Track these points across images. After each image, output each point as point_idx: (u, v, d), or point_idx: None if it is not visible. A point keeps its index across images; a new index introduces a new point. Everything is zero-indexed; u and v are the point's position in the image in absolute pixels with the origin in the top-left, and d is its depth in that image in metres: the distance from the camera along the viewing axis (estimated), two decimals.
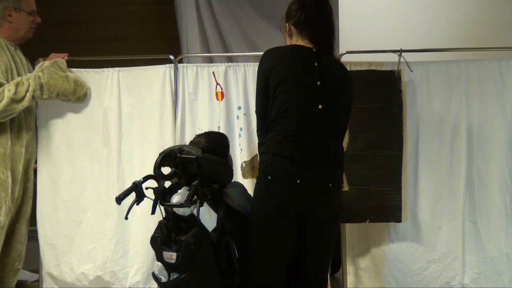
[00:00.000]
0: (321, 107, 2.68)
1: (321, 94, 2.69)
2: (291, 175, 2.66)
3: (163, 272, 2.81)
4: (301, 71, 2.71)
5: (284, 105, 2.66)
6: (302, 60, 2.73)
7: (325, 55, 2.78)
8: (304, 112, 2.67)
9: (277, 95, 2.67)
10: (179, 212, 2.77)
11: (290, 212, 2.70)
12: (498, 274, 3.74)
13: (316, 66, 2.71)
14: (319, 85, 2.69)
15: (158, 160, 2.83)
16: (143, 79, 3.93)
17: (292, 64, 2.72)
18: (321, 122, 2.69)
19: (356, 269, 3.92)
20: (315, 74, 2.70)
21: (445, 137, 3.78)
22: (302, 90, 2.68)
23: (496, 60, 3.77)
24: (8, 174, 3.62)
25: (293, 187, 2.66)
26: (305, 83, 2.70)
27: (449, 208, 3.79)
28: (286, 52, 2.78)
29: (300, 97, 2.67)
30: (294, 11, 2.80)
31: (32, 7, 3.76)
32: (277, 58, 2.73)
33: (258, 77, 2.78)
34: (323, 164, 2.70)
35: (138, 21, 5.76)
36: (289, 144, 2.65)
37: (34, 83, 3.62)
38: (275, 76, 2.68)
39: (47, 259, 3.97)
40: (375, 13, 4.19)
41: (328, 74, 2.73)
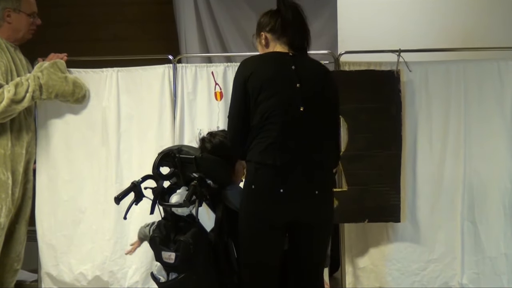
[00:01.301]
0: (302, 109, 2.64)
1: (301, 96, 2.66)
2: (274, 184, 2.61)
3: (162, 272, 2.81)
4: (279, 75, 2.69)
5: (266, 112, 2.62)
6: (279, 65, 2.72)
7: (302, 57, 2.79)
8: (286, 117, 2.63)
9: (259, 103, 2.64)
10: (178, 212, 2.77)
11: (276, 223, 2.65)
12: (497, 274, 3.74)
13: (294, 69, 2.70)
14: (299, 87, 2.67)
15: (157, 160, 2.83)
16: (142, 79, 3.93)
17: (270, 70, 2.70)
18: (305, 125, 2.66)
19: (355, 269, 3.92)
20: (293, 77, 2.69)
21: (444, 137, 3.78)
22: (282, 94, 2.65)
23: (495, 60, 3.77)
24: (9, 175, 3.61)
25: (277, 196, 2.61)
26: (285, 87, 2.67)
27: (448, 208, 3.79)
28: (262, 59, 2.78)
29: (281, 102, 2.64)
30: (268, 19, 2.83)
31: (32, 9, 3.76)
32: (254, 66, 2.71)
33: (235, 84, 2.74)
34: (308, 171, 2.65)
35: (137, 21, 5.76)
36: (273, 151, 2.61)
37: (33, 84, 3.62)
38: (254, 83, 2.65)
39: (45, 259, 3.97)
40: (374, 13, 4.18)
41: (306, 76, 2.72)
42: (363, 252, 3.91)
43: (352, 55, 3.83)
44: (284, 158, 2.61)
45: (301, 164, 2.63)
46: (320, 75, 2.78)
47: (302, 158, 2.63)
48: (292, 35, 2.77)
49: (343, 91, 3.66)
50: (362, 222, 3.77)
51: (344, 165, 3.71)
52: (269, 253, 2.69)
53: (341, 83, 3.69)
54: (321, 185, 2.68)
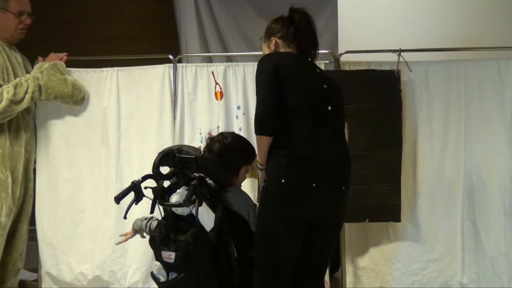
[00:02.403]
0: (330, 108, 2.73)
1: (329, 96, 2.77)
2: (308, 177, 2.63)
3: (162, 271, 2.81)
4: (308, 74, 2.79)
5: (298, 106, 2.66)
6: (306, 65, 2.82)
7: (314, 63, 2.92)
8: (317, 113, 2.70)
9: (291, 94, 2.66)
10: (178, 211, 2.77)
11: (302, 220, 2.66)
12: (497, 274, 3.74)
13: (319, 72, 2.85)
14: (326, 88, 2.77)
15: (157, 160, 2.83)
16: (142, 78, 3.93)
17: (299, 66, 2.77)
18: (332, 123, 2.75)
19: (355, 268, 3.92)
20: (321, 78, 2.81)
21: (444, 137, 3.79)
22: (313, 92, 2.73)
23: (495, 60, 3.77)
24: (8, 174, 3.62)
25: (309, 191, 2.62)
26: (314, 85, 2.76)
27: (448, 208, 3.79)
28: (288, 56, 2.81)
29: (312, 99, 2.71)
30: (280, 26, 2.87)
31: (20, 8, 3.72)
32: (281, 59, 2.75)
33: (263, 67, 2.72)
34: (336, 166, 2.73)
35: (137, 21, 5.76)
36: (306, 146, 2.66)
37: (33, 85, 3.62)
38: (284, 74, 2.67)
39: (46, 259, 3.97)
40: (374, 13, 4.18)
41: (328, 79, 2.84)
42: (364, 252, 3.91)
43: (352, 55, 3.83)
44: (316, 152, 2.66)
45: (331, 159, 2.70)
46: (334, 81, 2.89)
47: (331, 154, 2.70)
48: (304, 44, 2.84)
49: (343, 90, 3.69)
50: (363, 222, 3.77)
51: None
52: (293, 251, 2.69)
53: (342, 82, 3.68)
54: (346, 181, 2.77)
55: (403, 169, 3.72)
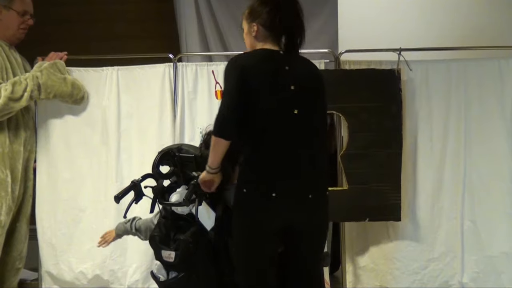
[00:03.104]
0: (296, 112, 2.57)
1: (296, 98, 2.59)
2: (266, 187, 2.54)
3: (162, 271, 2.81)
4: (273, 77, 2.58)
5: (260, 115, 2.55)
6: (273, 65, 2.61)
7: (295, 56, 2.69)
8: (280, 120, 2.56)
9: (253, 104, 2.55)
10: (177, 211, 2.77)
11: (269, 229, 2.58)
12: (497, 273, 3.74)
13: (287, 70, 2.61)
14: (293, 89, 2.59)
15: (157, 159, 2.83)
16: (142, 78, 3.93)
17: (264, 70, 2.58)
18: (298, 128, 2.59)
19: (355, 268, 3.92)
20: (288, 78, 2.60)
21: (444, 136, 3.78)
22: (276, 96, 2.56)
23: (495, 59, 3.77)
24: (8, 173, 3.61)
25: (269, 200, 2.53)
26: (279, 89, 2.57)
27: (448, 207, 3.79)
28: (256, 58, 2.63)
29: (275, 105, 2.56)
30: (265, 13, 2.67)
31: (24, 8, 3.74)
32: (248, 64, 2.58)
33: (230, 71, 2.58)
34: (301, 174, 2.58)
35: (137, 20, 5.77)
36: (265, 155, 2.56)
37: (32, 83, 3.62)
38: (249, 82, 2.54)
39: (46, 258, 3.98)
40: (374, 12, 4.18)
41: (300, 76, 2.64)
42: (364, 251, 3.91)
43: (352, 54, 3.82)
44: (277, 161, 2.55)
45: (294, 167, 2.57)
46: (314, 75, 2.71)
47: (295, 161, 2.57)
48: (288, 35, 2.66)
49: (343, 90, 3.70)
50: (363, 221, 3.77)
51: (344, 164, 3.71)
52: (263, 259, 2.62)
53: (342, 82, 3.71)
54: (315, 189, 2.62)
55: (403, 168, 3.71)
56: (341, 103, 3.70)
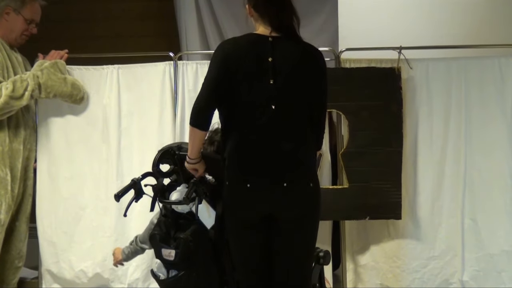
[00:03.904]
0: (274, 107, 2.54)
1: (274, 93, 2.55)
2: (242, 179, 2.56)
3: (162, 269, 2.81)
4: (254, 69, 2.55)
5: (238, 109, 2.56)
6: (257, 56, 2.56)
7: (286, 42, 2.61)
8: (257, 115, 2.55)
9: (234, 97, 2.55)
10: (178, 209, 2.77)
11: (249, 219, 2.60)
12: (497, 271, 3.74)
13: (270, 62, 2.55)
14: (272, 84, 2.54)
15: (157, 157, 2.83)
16: (142, 76, 3.92)
17: (247, 61, 2.55)
18: (275, 123, 2.55)
19: (356, 266, 3.92)
20: (269, 71, 2.55)
21: (445, 134, 3.78)
22: (255, 90, 2.55)
23: (496, 57, 3.76)
24: (7, 172, 3.62)
25: (245, 191, 2.55)
26: (258, 83, 2.55)
27: (448, 205, 3.79)
28: (242, 45, 2.60)
29: (253, 99, 2.55)
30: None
31: (32, 16, 3.76)
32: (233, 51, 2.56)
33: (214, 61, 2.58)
34: (275, 165, 2.56)
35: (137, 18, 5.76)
36: (242, 149, 2.56)
37: (32, 83, 3.62)
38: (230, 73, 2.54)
39: (46, 256, 3.98)
40: (375, 10, 4.18)
41: (284, 69, 2.57)
42: (364, 249, 3.91)
43: (353, 52, 3.82)
44: (252, 155, 2.56)
45: (269, 160, 2.56)
46: (302, 66, 2.62)
47: (270, 154, 2.56)
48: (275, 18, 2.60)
49: (343, 88, 3.70)
50: (363, 219, 3.77)
51: (345, 162, 3.71)
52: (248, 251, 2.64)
53: (342, 80, 3.71)
54: (290, 178, 2.58)
55: (403, 166, 3.71)
56: (342, 101, 3.70)
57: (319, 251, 2.97)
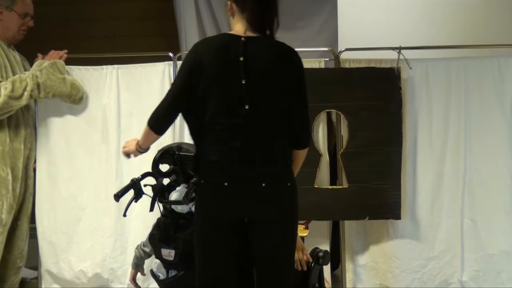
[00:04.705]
0: (247, 107, 2.49)
1: (247, 94, 2.49)
2: (219, 178, 2.50)
3: (162, 269, 2.81)
4: (225, 70, 2.51)
5: (212, 111, 2.51)
6: (228, 57, 2.51)
7: (259, 42, 2.54)
8: (231, 117, 2.50)
9: (206, 99, 2.51)
10: (177, 209, 2.77)
11: (222, 219, 2.54)
12: (497, 271, 3.74)
13: (242, 61, 2.49)
14: (244, 84, 2.48)
15: (156, 158, 2.83)
16: (142, 76, 3.93)
17: (218, 63, 2.51)
18: (250, 124, 2.50)
19: (355, 266, 3.92)
20: (240, 71, 2.49)
21: (444, 134, 3.78)
22: (227, 92, 2.50)
23: (495, 57, 3.76)
24: (8, 172, 3.62)
25: (221, 190, 2.50)
26: (230, 84, 2.50)
27: (448, 205, 3.79)
28: (213, 47, 2.55)
29: (226, 101, 2.50)
30: None
31: (25, 9, 3.75)
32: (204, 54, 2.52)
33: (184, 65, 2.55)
34: (252, 165, 2.51)
35: (137, 19, 5.77)
36: (218, 150, 2.51)
37: (32, 83, 3.62)
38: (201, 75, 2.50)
39: (46, 257, 3.98)
40: (374, 11, 4.18)
41: (256, 68, 2.50)
42: (364, 250, 3.91)
43: (352, 53, 3.82)
44: (228, 155, 2.50)
45: (245, 160, 2.51)
46: (276, 65, 2.54)
47: (246, 154, 2.51)
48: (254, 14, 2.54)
49: (343, 88, 3.70)
50: (363, 219, 3.77)
51: (344, 162, 3.71)
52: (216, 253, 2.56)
53: (342, 80, 3.72)
54: (269, 178, 2.52)
55: (403, 166, 3.72)
56: (341, 101, 3.71)
57: (318, 251, 2.96)
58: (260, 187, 2.51)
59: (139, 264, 3.06)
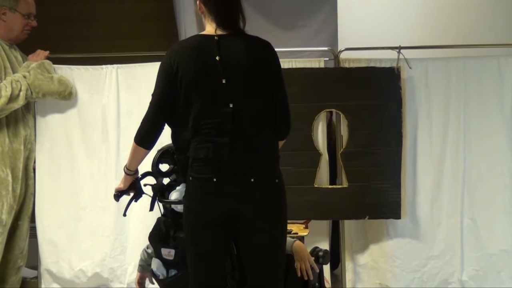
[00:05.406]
0: (232, 105, 2.49)
1: (229, 92, 2.50)
2: (207, 173, 2.49)
3: (161, 268, 2.81)
4: (204, 72, 2.51)
5: (197, 113, 2.50)
6: (204, 58, 2.52)
7: (232, 39, 2.55)
8: (215, 116, 2.49)
9: (190, 103, 2.51)
10: (177, 209, 2.77)
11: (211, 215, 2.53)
12: (496, 271, 3.75)
13: (218, 61, 2.50)
14: (225, 83, 2.49)
15: (156, 157, 2.82)
16: (141, 76, 3.93)
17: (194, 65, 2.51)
18: (235, 121, 2.50)
19: (355, 265, 3.92)
20: (218, 70, 2.49)
21: (444, 134, 3.79)
22: (209, 93, 2.50)
23: (495, 57, 3.77)
24: (8, 172, 3.62)
25: (210, 186, 2.49)
26: (210, 85, 2.50)
27: (448, 205, 3.79)
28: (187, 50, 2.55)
29: (209, 101, 2.50)
30: None
31: (28, 9, 3.76)
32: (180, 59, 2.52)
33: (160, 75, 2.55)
34: (241, 162, 2.51)
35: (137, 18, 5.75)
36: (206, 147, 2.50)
37: (25, 83, 3.63)
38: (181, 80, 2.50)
39: (45, 256, 3.98)
40: (374, 10, 4.18)
41: (233, 66, 2.52)
42: (363, 249, 3.91)
43: (352, 52, 3.83)
44: (217, 151, 2.49)
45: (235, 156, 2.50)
46: (252, 60, 2.55)
47: (236, 151, 2.50)
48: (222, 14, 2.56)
49: (343, 88, 3.70)
50: (363, 219, 3.77)
51: (344, 161, 3.72)
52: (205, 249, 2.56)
53: (341, 80, 3.72)
54: (257, 173, 2.53)
55: (403, 166, 3.72)
56: (341, 101, 3.71)
57: (318, 250, 2.96)
58: (249, 182, 2.51)
59: (144, 267, 3.05)
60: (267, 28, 4.83)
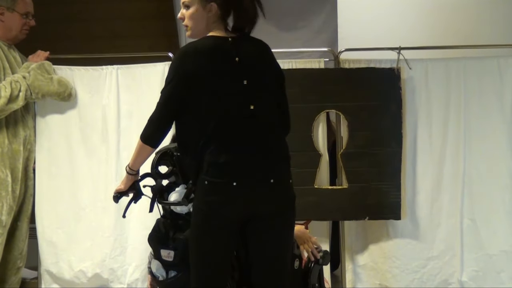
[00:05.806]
0: (253, 107, 2.49)
1: (250, 93, 2.50)
2: (226, 177, 2.47)
3: (161, 270, 2.81)
4: (224, 73, 2.49)
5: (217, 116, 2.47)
6: (223, 59, 2.50)
7: (243, 41, 2.55)
8: (236, 118, 2.48)
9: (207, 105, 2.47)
10: (176, 210, 2.77)
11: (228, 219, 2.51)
12: (496, 271, 3.75)
13: (237, 62, 2.49)
14: (246, 84, 2.49)
15: (155, 159, 2.82)
16: (141, 76, 3.93)
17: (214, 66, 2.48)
18: (256, 122, 2.50)
19: (355, 266, 3.92)
20: (239, 72, 2.49)
21: (444, 134, 3.79)
22: (229, 95, 2.48)
23: (495, 58, 3.77)
24: (8, 173, 3.62)
25: (230, 190, 2.47)
26: (231, 86, 2.49)
27: (447, 206, 3.79)
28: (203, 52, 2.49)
29: (229, 104, 2.48)
30: None
31: (26, 9, 3.75)
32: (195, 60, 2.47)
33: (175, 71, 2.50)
34: (261, 163, 2.51)
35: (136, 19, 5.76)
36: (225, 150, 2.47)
37: (24, 83, 3.63)
38: (198, 82, 2.46)
39: (45, 257, 3.98)
40: (374, 11, 4.18)
41: (252, 67, 2.53)
42: (363, 250, 3.91)
43: (352, 53, 3.83)
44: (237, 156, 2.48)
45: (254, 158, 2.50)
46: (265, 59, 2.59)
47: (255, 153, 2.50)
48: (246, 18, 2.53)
49: (343, 88, 3.70)
50: (362, 220, 3.77)
51: (344, 162, 3.71)
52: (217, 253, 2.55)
53: (341, 81, 3.72)
54: (275, 174, 2.53)
55: (402, 166, 3.72)
56: (341, 101, 3.71)
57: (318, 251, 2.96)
58: (268, 183, 2.52)
59: None
60: (267, 29, 4.81)
